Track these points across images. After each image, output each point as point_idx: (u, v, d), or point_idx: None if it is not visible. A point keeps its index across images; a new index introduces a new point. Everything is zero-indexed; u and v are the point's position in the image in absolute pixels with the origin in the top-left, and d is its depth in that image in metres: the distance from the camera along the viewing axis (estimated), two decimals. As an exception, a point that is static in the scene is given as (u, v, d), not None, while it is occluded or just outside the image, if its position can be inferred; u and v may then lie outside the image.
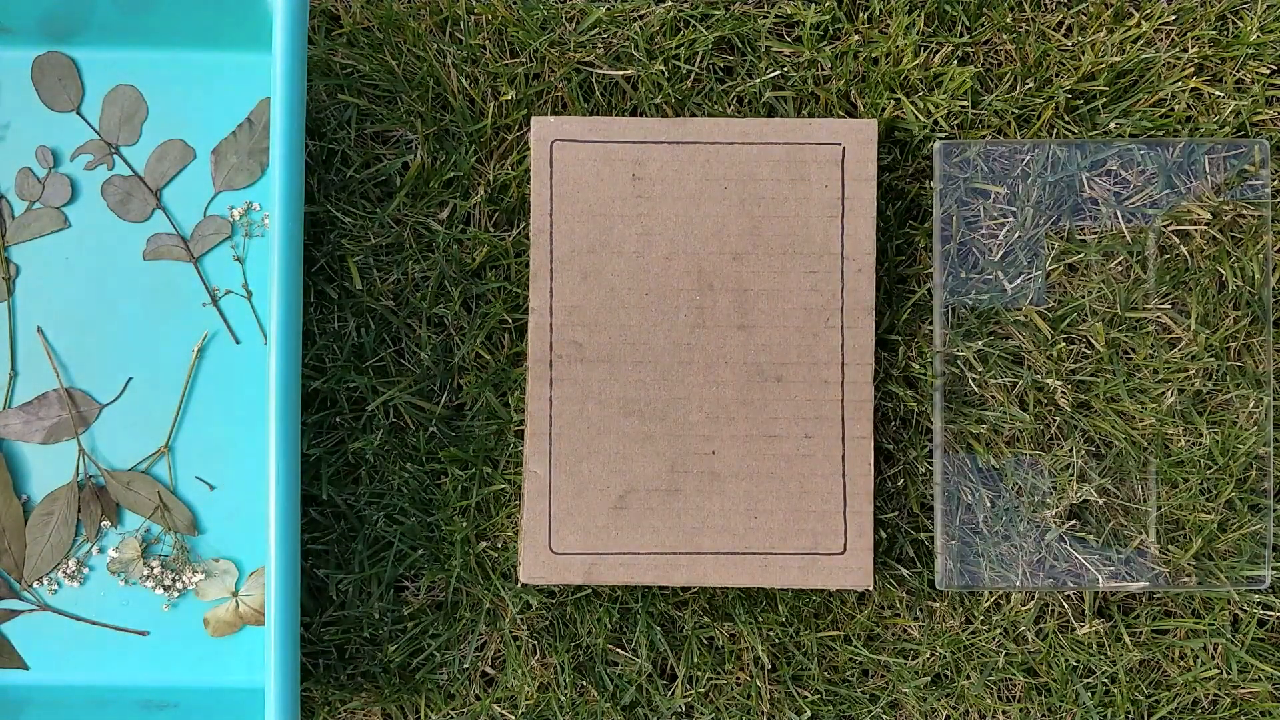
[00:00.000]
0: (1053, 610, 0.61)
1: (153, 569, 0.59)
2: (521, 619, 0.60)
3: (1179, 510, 0.60)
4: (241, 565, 0.60)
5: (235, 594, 0.60)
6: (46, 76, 0.61)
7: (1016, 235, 0.60)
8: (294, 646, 0.52)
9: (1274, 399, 0.60)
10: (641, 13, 0.60)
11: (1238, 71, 0.61)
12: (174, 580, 0.59)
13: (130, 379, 0.60)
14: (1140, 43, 0.60)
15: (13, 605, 0.60)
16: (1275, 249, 0.60)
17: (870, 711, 0.60)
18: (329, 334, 0.60)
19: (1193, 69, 0.60)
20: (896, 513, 0.60)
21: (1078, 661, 0.60)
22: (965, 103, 0.60)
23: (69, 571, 0.59)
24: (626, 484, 0.58)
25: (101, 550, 0.60)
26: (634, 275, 0.58)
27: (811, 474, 0.58)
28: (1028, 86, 0.60)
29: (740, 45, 0.61)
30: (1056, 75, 0.60)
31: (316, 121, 0.61)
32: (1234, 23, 0.61)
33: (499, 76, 0.60)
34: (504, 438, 0.60)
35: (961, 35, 0.61)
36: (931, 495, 0.60)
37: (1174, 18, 0.60)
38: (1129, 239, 0.60)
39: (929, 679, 0.60)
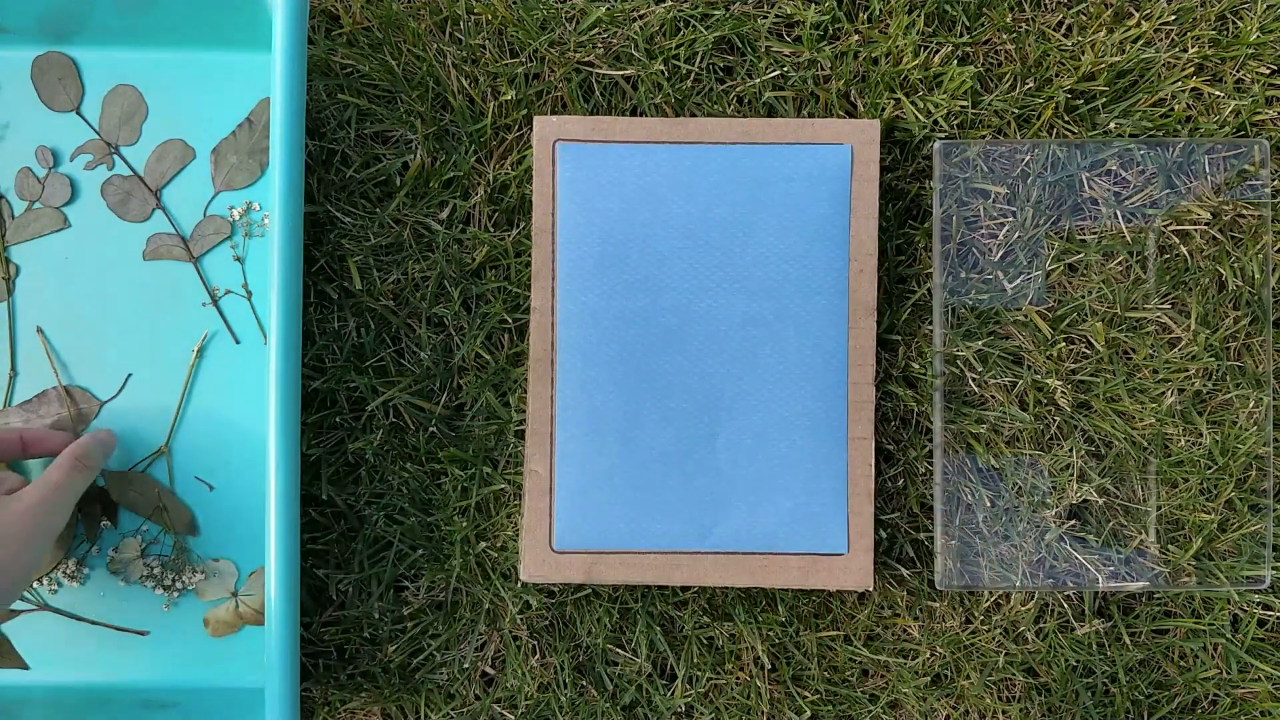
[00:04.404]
0: (1053, 610, 0.61)
1: (152, 569, 0.59)
2: (521, 619, 0.60)
3: (1179, 510, 0.60)
4: (241, 565, 0.60)
5: (235, 594, 0.60)
6: (46, 76, 0.61)
7: (1016, 235, 0.60)
8: (294, 646, 0.52)
9: (1274, 399, 0.60)
10: (641, 13, 0.60)
11: (1238, 71, 0.61)
12: (173, 580, 0.59)
13: (130, 375, 0.60)
14: (1140, 43, 0.60)
15: (13, 604, 0.60)
16: (1275, 249, 0.60)
17: (870, 711, 0.60)
18: (329, 334, 0.60)
19: (1193, 69, 0.60)
20: (896, 513, 0.60)
21: (1078, 661, 0.60)
22: (965, 103, 0.60)
23: (69, 572, 0.59)
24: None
25: (101, 550, 0.60)
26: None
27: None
28: (1028, 86, 0.60)
29: (740, 45, 0.61)
30: (1056, 75, 0.60)
31: (316, 121, 0.61)
32: (1234, 23, 0.61)
33: (499, 76, 0.60)
34: (504, 438, 0.60)
35: (961, 35, 0.61)
36: (931, 495, 0.60)
37: (1174, 18, 0.60)
38: (1129, 239, 0.60)
39: (929, 679, 0.60)
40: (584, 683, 0.60)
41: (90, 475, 0.55)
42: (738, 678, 0.60)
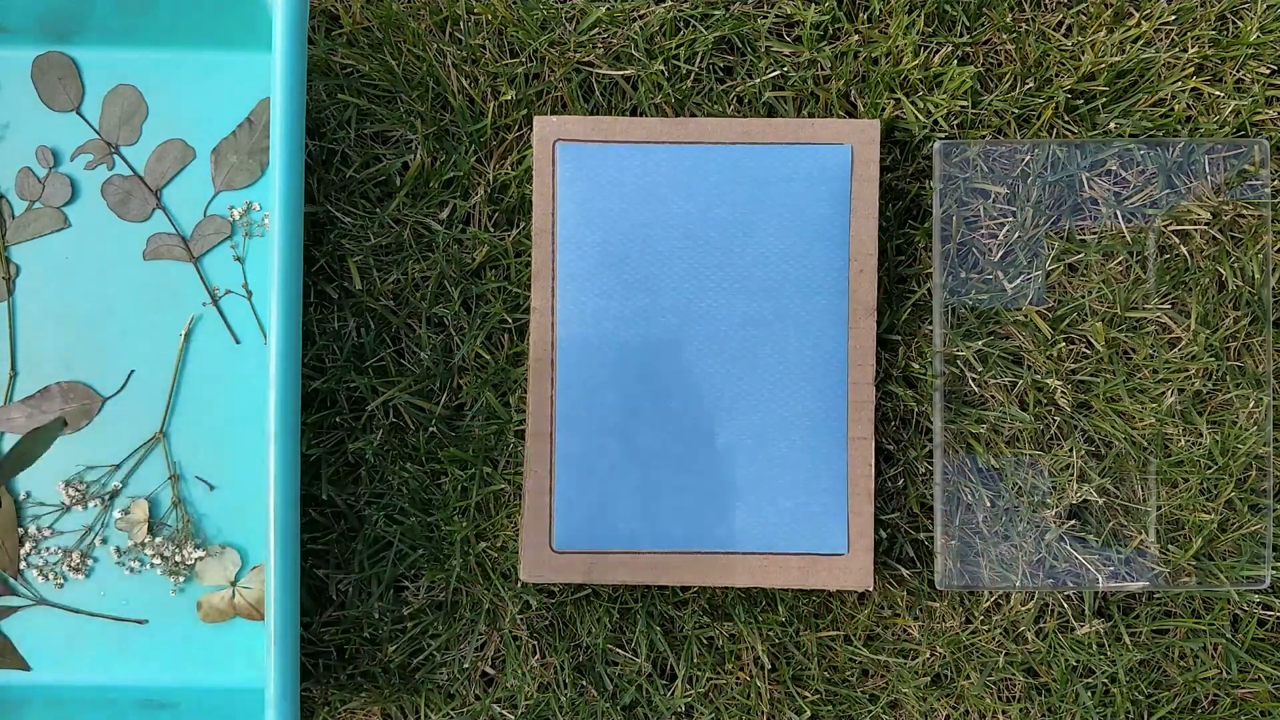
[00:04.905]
0: (1053, 610, 0.61)
1: (154, 539, 0.59)
2: (521, 619, 0.60)
3: (1179, 510, 0.60)
4: (244, 558, 0.60)
5: (234, 584, 0.60)
6: (46, 76, 0.61)
7: (1016, 235, 0.60)
8: (294, 646, 0.52)
9: (1274, 399, 0.60)
10: (641, 13, 0.60)
11: (1238, 71, 0.61)
12: (173, 553, 0.59)
13: (133, 371, 0.60)
14: (1140, 43, 0.60)
15: (9, 601, 0.60)
16: (1275, 249, 0.60)
17: (870, 711, 0.60)
18: (329, 334, 0.60)
19: (1193, 69, 0.60)
20: (896, 513, 0.60)
21: (1078, 661, 0.60)
22: (965, 103, 0.60)
23: (73, 564, 0.60)
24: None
25: (105, 541, 0.60)
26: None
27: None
28: (1028, 86, 0.60)
29: (740, 45, 0.61)
30: (1056, 75, 0.60)
31: (316, 121, 0.61)
32: (1234, 23, 0.61)
33: (499, 76, 0.60)
34: (504, 438, 0.60)
35: (961, 35, 0.61)
36: (931, 495, 0.60)
37: (1174, 18, 0.60)
38: (1129, 239, 0.60)
39: (929, 679, 0.60)
40: (584, 683, 0.60)
41: None
42: (738, 678, 0.60)
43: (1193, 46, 0.61)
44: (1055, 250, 0.60)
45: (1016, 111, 0.60)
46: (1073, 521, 0.60)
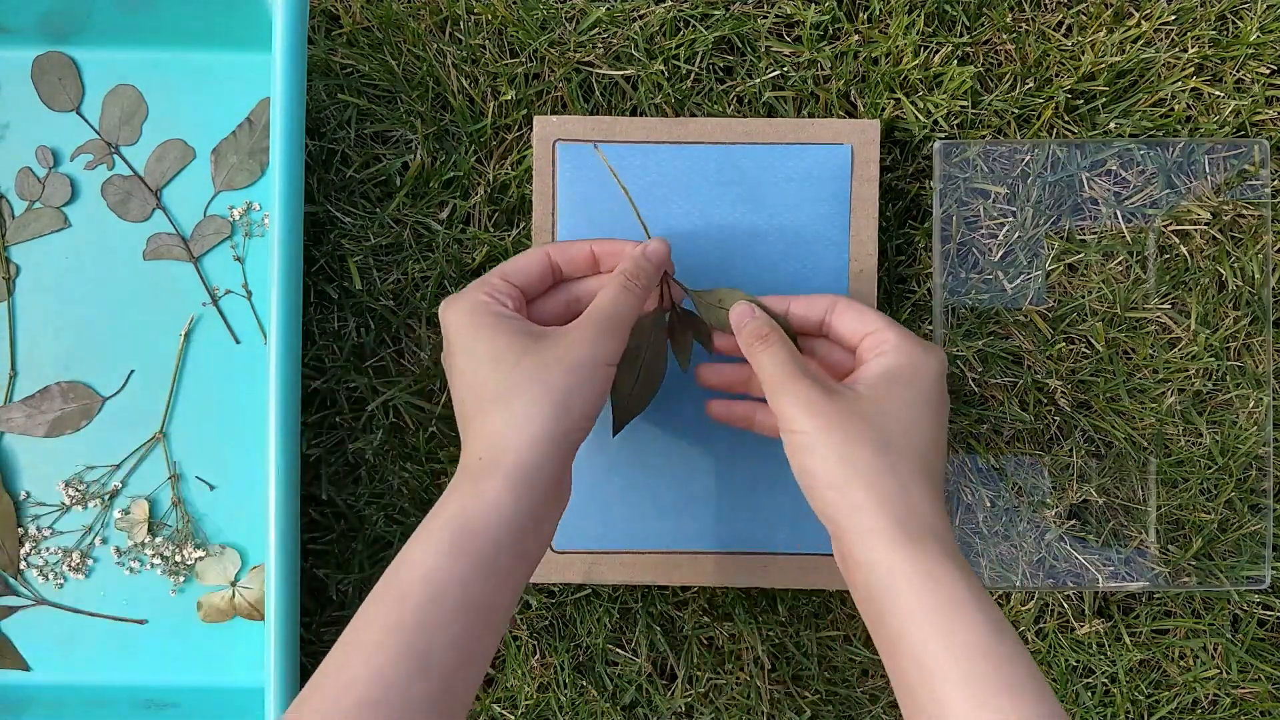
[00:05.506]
0: (1053, 610, 0.61)
1: (155, 540, 0.59)
2: (521, 619, 0.60)
3: (1179, 510, 0.60)
4: (243, 559, 0.60)
5: (234, 584, 0.60)
6: (46, 76, 0.61)
7: (1016, 235, 0.60)
8: (294, 646, 0.52)
9: (1274, 399, 0.60)
10: (641, 13, 0.60)
11: (1238, 71, 0.61)
12: (173, 553, 0.59)
13: (132, 371, 0.60)
14: (1140, 43, 0.60)
15: (9, 601, 0.60)
16: (1275, 249, 0.60)
17: (870, 712, 0.60)
18: (329, 334, 0.60)
19: (1193, 69, 0.60)
20: (896, 513, 0.60)
21: (1078, 661, 0.60)
22: (965, 103, 0.60)
23: (73, 564, 0.60)
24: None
25: (105, 541, 0.60)
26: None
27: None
28: (1028, 86, 0.60)
29: (740, 45, 0.61)
30: (1056, 75, 0.60)
31: (316, 121, 0.61)
32: (1234, 23, 0.61)
33: (499, 76, 0.60)
34: (504, 438, 0.60)
35: (961, 35, 0.61)
36: (931, 495, 0.60)
37: (1174, 18, 0.60)
38: (1129, 239, 0.60)
39: (929, 679, 0.60)
40: (584, 683, 0.60)
41: (640, 297, 0.51)
42: (738, 678, 0.60)
43: (1193, 46, 0.61)
44: (1055, 250, 0.60)
45: (1016, 111, 0.60)
46: (1073, 521, 0.60)
